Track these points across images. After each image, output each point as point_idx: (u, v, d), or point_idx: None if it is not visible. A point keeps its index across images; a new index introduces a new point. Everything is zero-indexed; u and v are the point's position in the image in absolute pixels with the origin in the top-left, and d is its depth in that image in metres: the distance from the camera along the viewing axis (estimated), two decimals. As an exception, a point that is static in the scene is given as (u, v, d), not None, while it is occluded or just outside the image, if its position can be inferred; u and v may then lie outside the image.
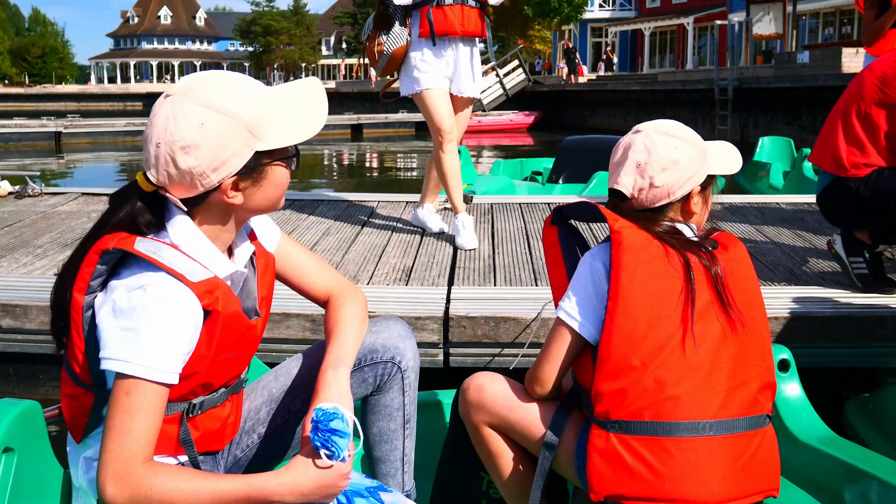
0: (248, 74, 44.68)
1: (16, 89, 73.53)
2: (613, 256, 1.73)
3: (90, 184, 15.42)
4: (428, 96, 4.36)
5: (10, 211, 5.43)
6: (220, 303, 1.52)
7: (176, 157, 1.46)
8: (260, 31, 75.91)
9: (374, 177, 16.44)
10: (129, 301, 1.45)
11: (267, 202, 1.60)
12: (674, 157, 1.81)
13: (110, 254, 1.49)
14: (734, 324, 1.71)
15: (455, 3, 4.23)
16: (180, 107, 1.46)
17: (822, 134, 3.56)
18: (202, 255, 1.55)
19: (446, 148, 4.40)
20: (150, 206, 1.54)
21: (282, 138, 1.54)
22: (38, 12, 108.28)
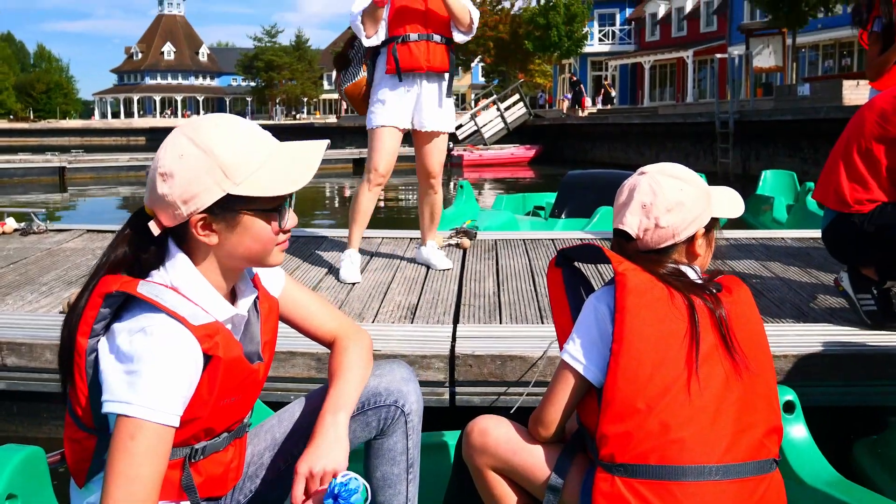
0: (251, 109, 45.23)
1: (21, 124, 73.93)
2: (618, 299, 1.73)
3: (94, 219, 15.53)
4: (377, 134, 4.43)
5: (16, 248, 5.44)
6: (220, 348, 1.52)
7: (156, 183, 1.51)
8: (262, 67, 76.39)
9: (377, 211, 16.47)
10: (130, 344, 1.45)
11: (246, 252, 1.59)
12: (679, 198, 1.82)
13: (113, 297, 1.49)
14: (739, 367, 1.70)
15: (420, 40, 4.29)
16: (173, 138, 1.54)
17: (825, 171, 3.56)
18: (202, 299, 1.56)
19: (373, 188, 4.50)
20: (151, 246, 1.56)
21: (254, 187, 1.53)
22: (44, 48, 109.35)
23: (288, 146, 1.61)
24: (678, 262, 1.85)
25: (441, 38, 4.33)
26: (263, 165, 1.54)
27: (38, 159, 23.33)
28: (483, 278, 4.53)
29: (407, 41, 4.27)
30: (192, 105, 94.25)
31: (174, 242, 1.58)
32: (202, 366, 1.51)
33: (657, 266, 1.78)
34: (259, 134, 1.58)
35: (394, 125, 4.41)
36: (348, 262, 4.50)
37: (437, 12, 4.26)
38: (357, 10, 4.22)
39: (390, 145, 4.44)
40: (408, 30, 4.27)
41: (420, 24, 4.27)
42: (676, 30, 46.33)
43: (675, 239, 1.83)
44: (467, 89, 76.56)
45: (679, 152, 25.39)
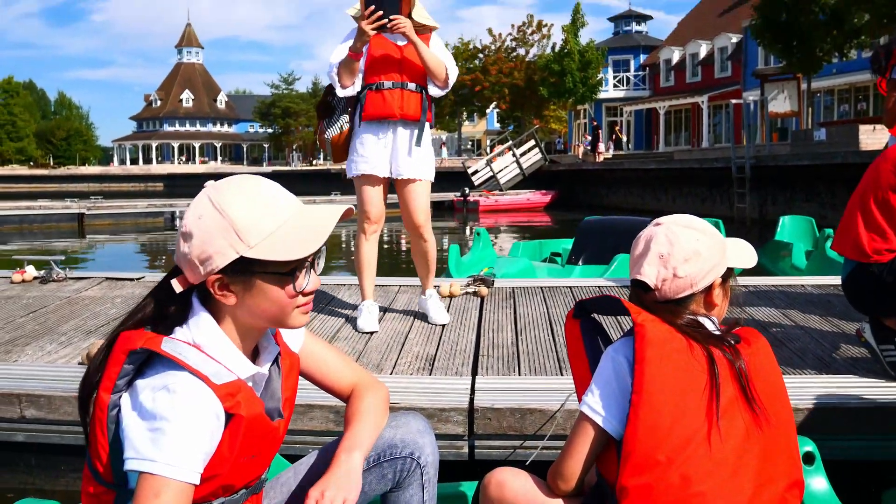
0: (268, 155, 45.61)
1: (40, 171, 74.81)
2: (637, 350, 1.72)
3: (112, 265, 15.63)
4: (359, 182, 4.48)
5: (36, 296, 5.47)
6: (242, 406, 1.53)
7: (179, 242, 1.55)
8: (279, 114, 77.12)
9: (395, 258, 16.49)
10: (154, 402, 1.45)
11: (264, 314, 1.59)
12: (696, 248, 1.83)
13: (137, 353, 1.50)
14: (759, 420, 1.70)
15: (394, 87, 4.30)
16: (199, 198, 1.56)
17: (843, 221, 3.55)
18: (224, 357, 1.57)
19: (370, 237, 4.54)
20: (175, 303, 1.58)
21: (270, 250, 1.53)
22: (64, 96, 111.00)
23: (308, 210, 1.61)
24: (696, 312, 1.85)
25: (416, 86, 4.34)
26: (278, 229, 1.55)
27: (58, 205, 23.58)
28: (501, 327, 4.51)
29: (381, 88, 4.29)
30: (210, 151, 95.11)
31: (198, 300, 1.59)
32: (224, 423, 1.51)
33: (676, 317, 1.78)
34: (281, 197, 1.59)
35: (372, 172, 4.42)
36: (366, 313, 4.50)
37: (412, 61, 4.30)
38: (334, 62, 4.27)
39: (374, 192, 4.48)
40: (382, 77, 4.29)
41: (395, 71, 4.30)
42: (691, 75, 46.57)
43: (693, 289, 1.83)
44: (483, 135, 77.14)
45: (695, 197, 25.37)
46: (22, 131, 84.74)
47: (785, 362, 3.72)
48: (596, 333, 2.01)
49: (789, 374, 3.55)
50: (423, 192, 4.55)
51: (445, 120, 56.62)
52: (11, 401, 3.28)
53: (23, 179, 68.48)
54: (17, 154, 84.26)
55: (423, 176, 4.49)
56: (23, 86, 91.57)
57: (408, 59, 4.30)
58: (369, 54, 4.28)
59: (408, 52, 4.29)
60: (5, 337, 4.32)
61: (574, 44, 41.63)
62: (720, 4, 49.24)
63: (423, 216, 4.58)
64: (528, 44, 51.19)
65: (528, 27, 51.40)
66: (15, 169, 77.75)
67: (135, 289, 5.74)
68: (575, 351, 2.01)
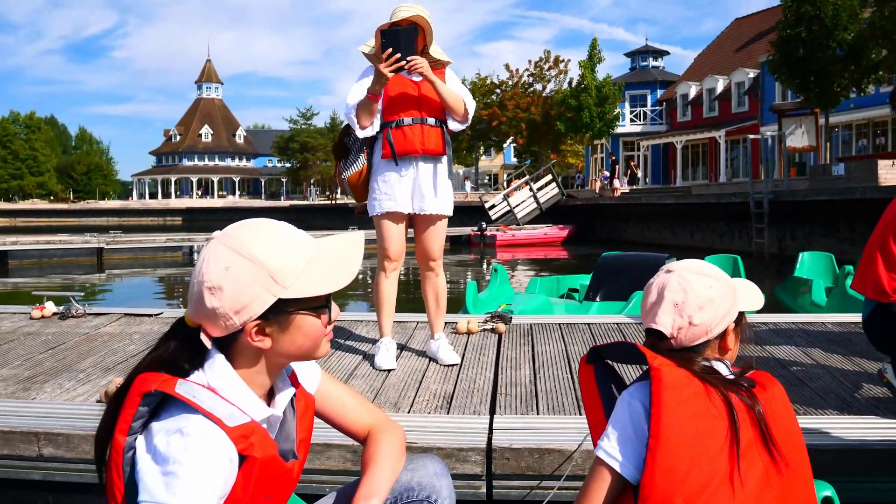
0: (286, 189, 45.83)
1: (61, 205, 75.69)
2: (654, 394, 1.71)
3: (131, 299, 15.70)
4: (381, 221, 4.48)
5: (55, 332, 5.49)
6: (256, 448, 1.52)
7: (204, 297, 1.52)
8: (297, 148, 77.58)
9: (411, 293, 16.49)
10: (168, 445, 1.46)
11: (298, 350, 1.62)
12: (709, 295, 1.83)
13: (152, 396, 1.50)
14: (778, 464, 1.69)
15: (414, 123, 4.31)
16: (214, 250, 1.55)
17: (863, 261, 3.54)
18: (239, 399, 1.57)
19: (390, 274, 4.56)
20: (191, 347, 1.58)
21: (305, 288, 1.56)
22: (85, 131, 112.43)
23: (325, 243, 1.65)
24: (710, 357, 1.85)
25: (435, 121, 4.36)
26: (308, 266, 1.58)
27: (77, 240, 23.72)
28: (519, 365, 4.49)
29: (401, 125, 4.30)
30: (228, 186, 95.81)
31: (215, 346, 1.59)
32: (237, 466, 1.51)
33: (691, 363, 1.78)
34: (296, 235, 1.62)
35: (397, 209, 4.42)
36: (384, 350, 4.49)
37: (430, 97, 4.31)
38: (352, 103, 4.29)
39: (396, 230, 4.49)
40: (402, 114, 4.31)
41: (414, 108, 4.32)
42: (708, 110, 46.59)
43: (708, 336, 1.84)
44: (500, 169, 77.32)
45: (713, 232, 25.30)
46: (43, 166, 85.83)
47: (806, 402, 3.68)
48: (610, 378, 2.00)
49: (811, 414, 3.51)
50: (443, 228, 4.58)
51: (463, 154, 56.86)
52: (30, 439, 3.28)
53: (43, 213, 69.26)
54: (38, 188, 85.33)
55: (444, 211, 4.51)
56: (44, 121, 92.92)
57: (425, 94, 4.32)
58: (386, 92, 4.29)
59: (425, 88, 4.31)
60: (24, 374, 4.33)
61: (591, 79, 41.77)
62: (736, 40, 49.40)
63: (439, 251, 4.61)
64: (545, 79, 51.47)
65: (545, 62, 51.71)
66: (36, 203, 78.74)
67: (153, 325, 5.76)
68: (589, 396, 2.00)
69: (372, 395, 3.90)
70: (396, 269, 4.56)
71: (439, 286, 4.65)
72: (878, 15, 24.26)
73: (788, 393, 3.72)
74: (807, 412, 3.54)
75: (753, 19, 49.75)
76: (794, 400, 3.71)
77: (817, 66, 26.65)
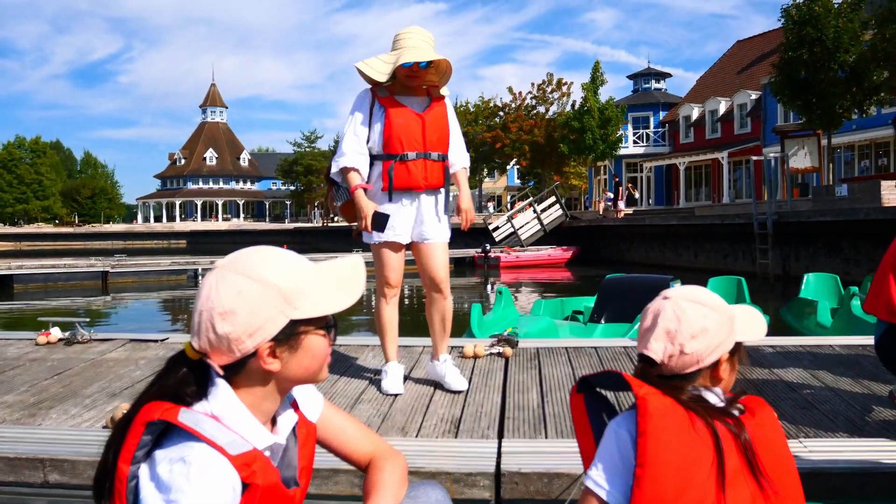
0: (290, 212, 46.06)
1: (66, 229, 75.84)
2: (640, 423, 1.71)
3: (136, 320, 15.69)
4: (380, 250, 4.44)
5: (60, 358, 5.48)
6: (258, 476, 1.52)
7: (215, 323, 1.53)
8: (301, 171, 77.78)
9: (415, 315, 16.47)
10: (170, 474, 1.45)
11: (304, 371, 1.63)
12: (703, 325, 1.82)
13: (155, 425, 1.51)
14: (766, 492, 1.68)
15: (418, 158, 4.26)
16: (222, 277, 1.56)
17: (875, 282, 3.53)
18: (242, 427, 1.57)
19: (390, 300, 4.55)
20: (195, 377, 1.58)
21: (316, 307, 1.59)
22: (90, 155, 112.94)
23: (326, 265, 1.68)
24: (699, 386, 1.84)
25: (438, 155, 4.32)
26: (316, 286, 1.60)
27: (82, 263, 23.74)
28: (527, 389, 4.47)
29: (405, 160, 4.25)
30: (233, 209, 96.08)
31: (218, 373, 1.59)
32: (240, 494, 1.50)
33: (678, 392, 1.78)
34: (299, 259, 1.64)
35: (396, 240, 4.40)
36: (391, 375, 4.45)
37: (434, 130, 4.28)
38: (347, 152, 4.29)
39: (395, 258, 4.47)
40: (405, 147, 4.24)
41: (418, 142, 4.26)
42: (710, 132, 46.72)
43: (699, 365, 1.82)
44: (503, 191, 77.44)
45: (717, 253, 25.29)
46: (48, 190, 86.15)
47: (815, 425, 3.66)
48: (601, 407, 1.99)
49: (821, 437, 3.49)
50: (445, 251, 4.54)
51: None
52: (35, 465, 3.27)
53: (48, 237, 69.43)
54: (43, 212, 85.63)
55: (446, 237, 4.50)
56: (49, 145, 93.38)
57: (430, 128, 4.27)
58: (389, 122, 4.23)
59: (430, 121, 4.27)
60: (30, 400, 4.32)
61: (594, 101, 41.91)
62: (738, 62, 49.59)
63: (445, 273, 4.54)
64: (547, 101, 51.58)
65: (548, 85, 51.83)
66: (41, 227, 78.99)
67: (158, 350, 5.75)
68: (580, 425, 1.99)
69: (379, 420, 3.89)
70: (396, 294, 4.56)
71: (446, 308, 4.57)
72: (879, 37, 24.35)
73: (797, 416, 3.73)
74: (817, 435, 3.52)
75: (755, 41, 49.96)
76: (804, 423, 3.69)
77: (819, 87, 26.74)
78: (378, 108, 4.27)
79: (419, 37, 4.17)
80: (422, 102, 4.32)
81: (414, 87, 4.31)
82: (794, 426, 3.64)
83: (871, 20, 25.25)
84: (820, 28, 26.42)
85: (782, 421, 3.68)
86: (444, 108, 4.38)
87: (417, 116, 4.26)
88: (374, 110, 4.29)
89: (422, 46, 4.14)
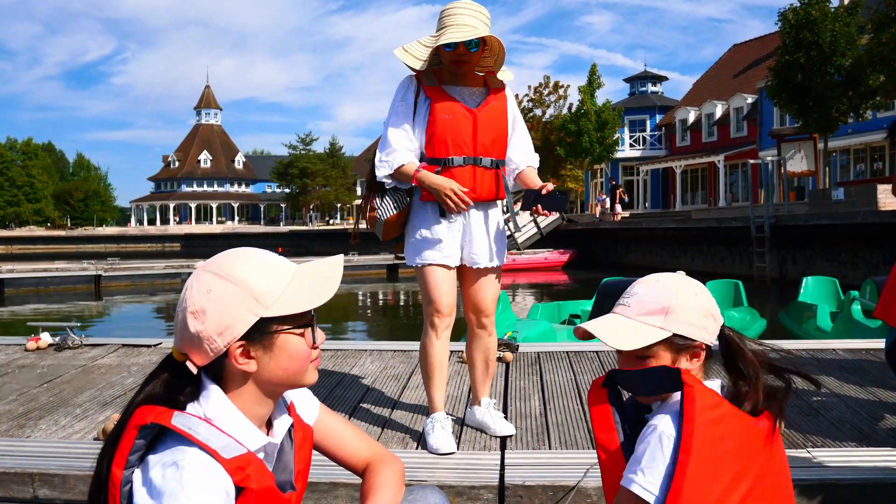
0: (285, 215, 46.31)
1: (58, 232, 75.62)
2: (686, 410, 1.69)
3: (129, 324, 15.60)
4: (429, 273, 3.60)
5: (50, 365, 5.37)
6: (252, 479, 1.50)
7: (188, 323, 1.54)
8: (297, 174, 77.75)
9: (413, 319, 16.40)
10: (163, 478, 1.44)
11: (284, 373, 1.61)
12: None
13: (148, 428, 1.50)
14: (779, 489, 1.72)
15: (465, 164, 3.50)
16: (197, 278, 1.58)
17: (886, 289, 3.47)
18: (235, 430, 1.56)
19: (441, 334, 3.63)
20: (184, 380, 1.58)
21: (286, 306, 1.57)
22: (83, 157, 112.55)
23: (305, 265, 1.68)
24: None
25: (491, 161, 3.55)
26: (289, 285, 1.59)
27: (75, 267, 23.61)
28: (528, 396, 4.39)
29: (450, 166, 3.48)
30: (228, 211, 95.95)
31: (208, 377, 1.60)
32: (234, 498, 1.49)
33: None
34: (277, 259, 1.64)
35: (444, 262, 3.58)
36: (439, 429, 3.57)
37: (487, 129, 3.53)
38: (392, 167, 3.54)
39: (447, 279, 3.61)
40: (451, 151, 3.49)
41: (467, 144, 3.49)
42: (707, 135, 46.77)
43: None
44: (498, 194, 77.35)
45: (715, 256, 25.33)
46: (40, 193, 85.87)
47: (823, 433, 3.59)
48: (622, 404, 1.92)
49: (828, 446, 3.42)
50: (497, 278, 3.78)
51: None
52: (24, 480, 3.17)
53: (40, 240, 69.23)
54: (35, 215, 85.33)
55: (498, 262, 3.73)
56: (41, 147, 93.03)
57: (482, 127, 3.52)
58: (433, 119, 3.49)
59: (482, 119, 3.52)
60: (19, 409, 4.21)
61: (590, 104, 41.94)
62: (735, 66, 49.66)
63: (493, 306, 3.81)
64: (544, 104, 51.60)
65: (545, 88, 51.87)
66: (33, 230, 78.74)
67: (152, 356, 5.65)
68: (602, 420, 1.90)
69: (378, 429, 3.80)
70: (449, 326, 3.65)
71: (490, 347, 3.82)
72: (875, 41, 24.38)
73: (804, 424, 3.66)
74: (824, 444, 3.44)
75: (751, 45, 50.06)
76: (810, 431, 3.62)
77: (816, 91, 26.83)
78: (423, 99, 3.52)
79: (469, 12, 3.39)
80: (475, 95, 3.58)
81: (463, 74, 3.55)
82: (802, 435, 3.57)
83: (867, 24, 25.29)
84: (817, 32, 26.48)
85: (789, 429, 3.62)
86: (503, 103, 3.63)
87: (468, 112, 3.50)
88: (420, 101, 3.54)
89: (470, 24, 3.37)
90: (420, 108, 3.53)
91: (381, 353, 5.63)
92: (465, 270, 3.69)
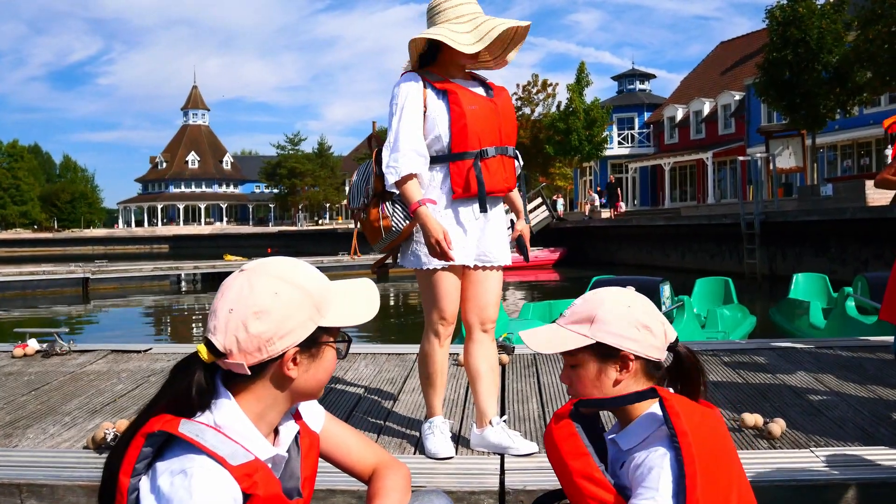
0: (273, 215, 46.27)
1: (45, 234, 75.25)
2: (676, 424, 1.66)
3: (118, 328, 15.47)
4: (440, 279, 3.41)
5: (38, 372, 5.28)
6: (259, 487, 1.49)
7: (248, 322, 1.52)
8: (285, 174, 77.63)
9: (404, 319, 16.34)
10: (171, 486, 1.43)
11: (317, 384, 1.64)
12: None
13: (155, 436, 1.49)
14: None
15: (497, 154, 3.36)
16: (256, 278, 1.56)
17: (889, 290, 3.43)
18: (244, 438, 1.55)
19: (444, 342, 3.48)
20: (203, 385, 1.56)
21: (341, 318, 1.62)
22: (70, 159, 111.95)
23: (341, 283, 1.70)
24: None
25: (513, 150, 3.46)
26: (341, 297, 1.65)
27: (62, 270, 23.45)
28: (526, 398, 4.34)
29: (485, 157, 3.31)
30: (216, 212, 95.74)
31: (221, 382, 1.59)
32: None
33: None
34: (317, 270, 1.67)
35: (463, 262, 3.41)
36: (438, 434, 3.46)
37: (508, 120, 3.43)
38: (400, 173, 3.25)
39: (455, 287, 3.45)
40: (483, 142, 3.31)
41: (495, 134, 3.35)
42: (695, 132, 46.86)
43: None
44: (487, 193, 77.35)
45: (705, 253, 25.40)
46: (26, 195, 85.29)
47: (825, 433, 3.55)
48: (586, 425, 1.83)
49: (831, 445, 3.38)
50: (501, 279, 3.60)
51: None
52: (11, 491, 3.09)
53: (27, 243, 68.88)
54: (21, 218, 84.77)
55: (507, 259, 3.55)
56: (27, 149, 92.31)
57: (504, 115, 3.41)
58: (461, 111, 3.27)
59: (502, 106, 3.41)
60: (6, 418, 4.12)
61: (579, 102, 41.95)
62: (722, 63, 49.77)
63: (496, 310, 3.60)
64: (533, 103, 51.57)
65: (534, 86, 51.84)
66: (19, 233, 78.32)
67: (141, 361, 5.56)
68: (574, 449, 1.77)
69: (374, 435, 3.74)
70: (451, 335, 3.51)
71: (494, 357, 3.60)
72: (861, 38, 24.44)
73: (806, 424, 3.62)
74: (827, 444, 3.40)
75: (738, 43, 50.17)
76: (813, 431, 3.58)
77: (803, 88, 26.95)
78: (436, 94, 3.31)
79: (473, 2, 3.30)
80: (477, 85, 3.45)
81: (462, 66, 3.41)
82: (805, 435, 3.53)
83: (854, 21, 25.36)
84: (804, 29, 26.60)
85: (791, 430, 3.58)
86: (507, 92, 3.55)
87: (490, 102, 3.36)
88: (430, 98, 3.32)
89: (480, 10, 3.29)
90: (435, 105, 3.30)
91: (376, 356, 5.57)
92: (470, 272, 3.49)
